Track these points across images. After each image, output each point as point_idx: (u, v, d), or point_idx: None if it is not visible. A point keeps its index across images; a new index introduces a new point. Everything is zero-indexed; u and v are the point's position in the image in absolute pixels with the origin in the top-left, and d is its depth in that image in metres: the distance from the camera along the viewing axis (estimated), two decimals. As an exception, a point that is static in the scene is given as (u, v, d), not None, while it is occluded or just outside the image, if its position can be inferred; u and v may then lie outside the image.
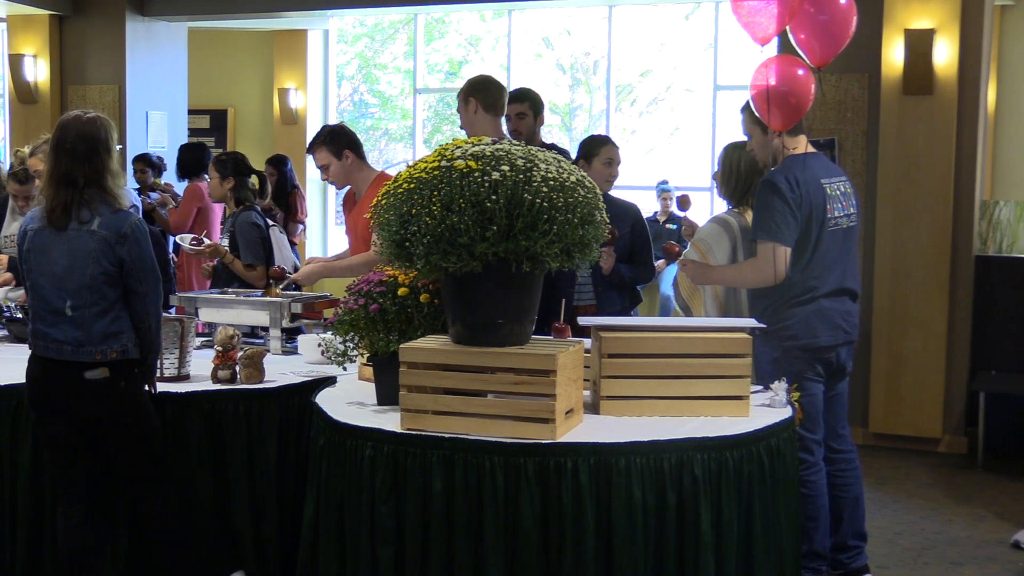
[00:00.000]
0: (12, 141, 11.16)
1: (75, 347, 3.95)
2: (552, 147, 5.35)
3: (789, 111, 4.55)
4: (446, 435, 3.41)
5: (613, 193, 5.67)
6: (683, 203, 11.02)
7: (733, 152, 5.04)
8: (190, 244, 5.99)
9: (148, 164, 10.10)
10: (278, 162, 10.72)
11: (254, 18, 11.66)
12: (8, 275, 5.72)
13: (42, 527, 4.35)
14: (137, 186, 10.05)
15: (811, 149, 4.80)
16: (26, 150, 5.92)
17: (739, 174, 5.00)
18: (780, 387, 3.95)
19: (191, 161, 9.20)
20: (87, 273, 3.93)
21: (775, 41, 4.91)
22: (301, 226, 10.89)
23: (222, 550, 4.27)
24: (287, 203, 10.57)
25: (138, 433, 4.07)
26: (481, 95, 5.11)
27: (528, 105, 5.74)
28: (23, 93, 10.86)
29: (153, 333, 4.05)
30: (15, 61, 10.86)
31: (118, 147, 4.18)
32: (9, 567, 4.48)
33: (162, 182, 10.18)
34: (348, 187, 5.69)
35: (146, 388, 4.14)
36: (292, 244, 10.44)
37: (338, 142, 5.46)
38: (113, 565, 4.31)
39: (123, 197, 4.09)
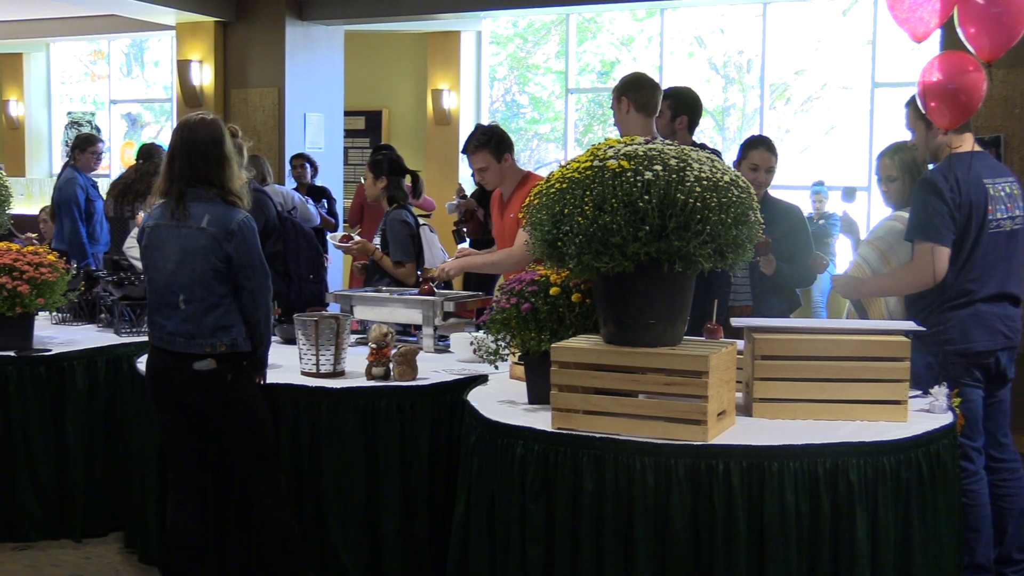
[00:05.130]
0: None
1: (186, 339, 4.09)
2: (703, 147, 5.26)
3: (958, 109, 4.40)
4: (597, 435, 3.42)
5: (775, 193, 5.56)
6: (848, 194, 10.73)
7: (904, 153, 4.89)
8: (339, 241, 6.14)
9: (308, 162, 10.36)
10: None
11: (408, 20, 11.86)
12: None
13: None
14: (295, 184, 10.33)
15: (977, 148, 4.64)
16: None
17: (919, 174, 4.83)
18: (941, 392, 3.84)
19: None
20: (197, 269, 4.06)
21: (934, 38, 4.75)
22: None
23: (368, 545, 4.36)
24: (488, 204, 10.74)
25: (247, 424, 4.17)
26: (633, 94, 5.04)
27: (668, 104, 5.61)
28: (189, 97, 11.26)
29: (262, 327, 4.16)
30: (183, 67, 11.28)
31: (238, 144, 4.27)
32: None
33: None
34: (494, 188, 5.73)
35: (257, 380, 4.24)
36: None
37: (500, 146, 5.48)
38: (222, 557, 4.45)
39: (241, 195, 4.17)
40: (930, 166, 4.76)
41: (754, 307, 5.38)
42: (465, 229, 10.91)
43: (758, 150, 5.42)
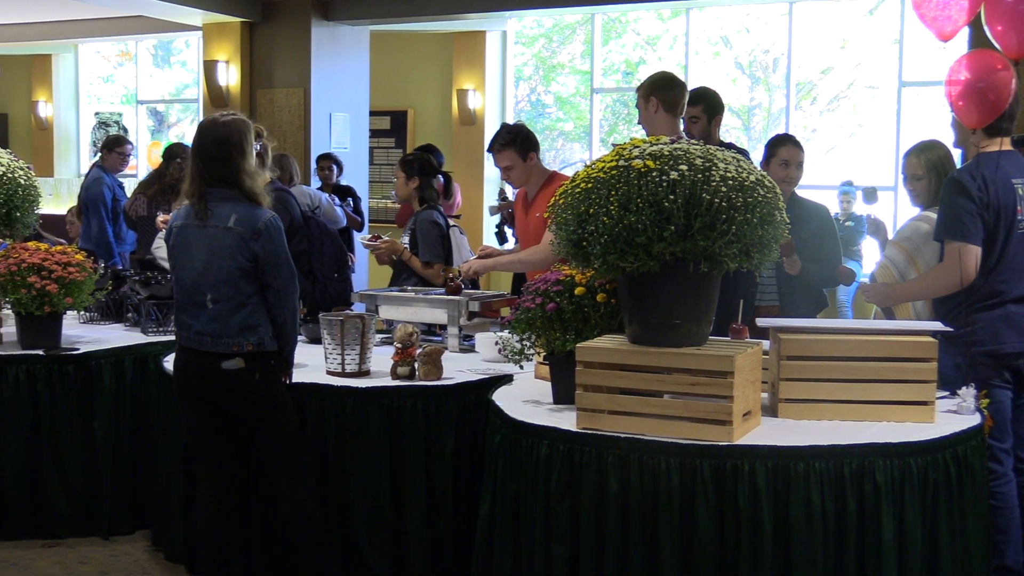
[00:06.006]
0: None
1: (214, 339, 4.10)
2: (730, 147, 5.25)
3: (987, 108, 4.36)
4: (622, 435, 3.41)
5: (801, 193, 5.55)
6: (869, 195, 10.62)
7: (930, 152, 4.86)
8: (368, 240, 6.16)
9: (334, 162, 10.38)
10: None
11: (434, 20, 11.88)
12: None
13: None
14: (319, 184, 10.35)
15: (1006, 147, 4.60)
16: None
17: (946, 173, 4.80)
18: (968, 393, 3.81)
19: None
20: (224, 268, 4.08)
21: (962, 37, 4.71)
22: None
23: (393, 544, 4.37)
24: None
25: (274, 423, 4.18)
26: (663, 94, 5.03)
27: (702, 108, 5.60)
28: (216, 97, 11.31)
29: (288, 326, 4.17)
30: (209, 67, 11.34)
31: (258, 146, 4.28)
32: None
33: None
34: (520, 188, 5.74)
35: (283, 380, 4.26)
36: None
37: (525, 145, 5.49)
38: (247, 554, 4.46)
39: (261, 195, 4.17)
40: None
41: (780, 307, 5.36)
42: (509, 230, 10.93)
43: (786, 146, 5.41)
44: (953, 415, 3.74)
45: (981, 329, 4.46)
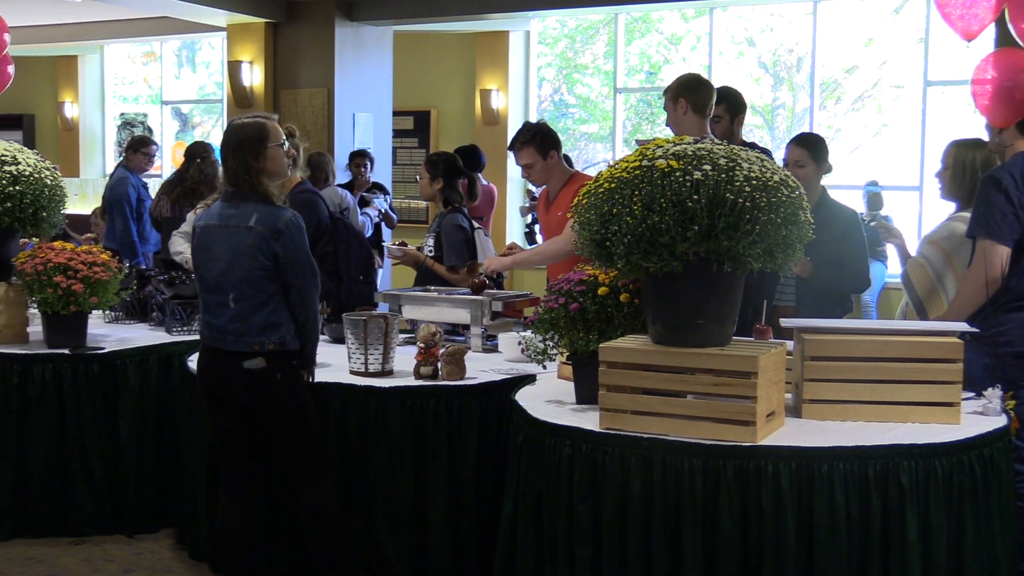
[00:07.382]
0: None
1: (235, 337, 4.13)
2: (752, 146, 5.25)
3: (1013, 106, 4.33)
4: (645, 435, 3.41)
5: (831, 194, 5.52)
6: (872, 203, 10.48)
7: (965, 151, 4.81)
8: (393, 248, 6.17)
9: (368, 159, 10.36)
10: None
11: (457, 20, 11.89)
12: None
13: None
14: (352, 181, 10.33)
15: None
16: None
17: (973, 172, 4.75)
18: (994, 394, 3.79)
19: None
20: (245, 268, 4.11)
21: (989, 36, 4.69)
22: None
23: (415, 544, 4.37)
24: None
25: (295, 422, 4.20)
26: (692, 96, 5.03)
27: (724, 107, 5.60)
28: (240, 98, 11.36)
29: (310, 325, 4.19)
30: (233, 67, 11.39)
31: (284, 147, 4.28)
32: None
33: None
34: (543, 186, 5.74)
35: (306, 379, 4.27)
36: None
37: (545, 142, 5.50)
38: (269, 553, 4.48)
39: (274, 195, 4.18)
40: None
41: (796, 308, 5.33)
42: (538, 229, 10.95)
43: (789, 146, 5.44)
44: (979, 416, 3.72)
45: (1011, 330, 4.43)
